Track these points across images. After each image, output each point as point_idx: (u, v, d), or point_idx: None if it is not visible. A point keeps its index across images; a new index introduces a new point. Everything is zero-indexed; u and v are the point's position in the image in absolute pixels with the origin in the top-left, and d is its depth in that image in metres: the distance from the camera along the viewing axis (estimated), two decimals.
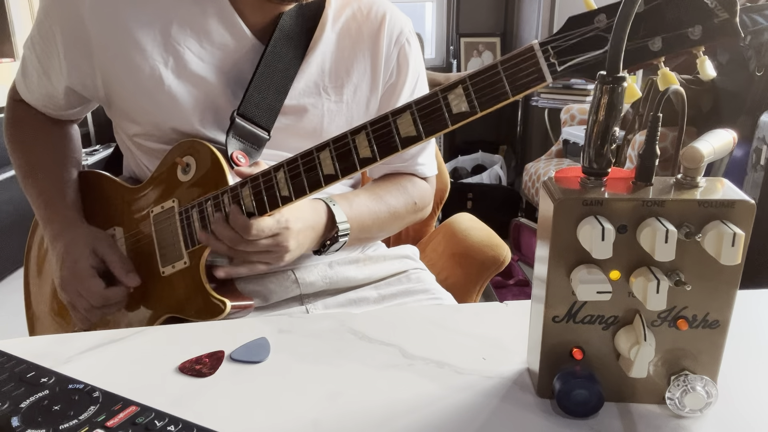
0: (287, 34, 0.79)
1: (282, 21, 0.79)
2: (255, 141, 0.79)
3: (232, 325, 0.63)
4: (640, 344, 0.43)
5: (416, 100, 0.62)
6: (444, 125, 0.62)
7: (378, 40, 0.86)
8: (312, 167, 0.67)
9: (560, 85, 3.23)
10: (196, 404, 0.49)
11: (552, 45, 0.57)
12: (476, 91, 0.60)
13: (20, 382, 0.47)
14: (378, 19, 0.86)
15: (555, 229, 0.43)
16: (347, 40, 0.84)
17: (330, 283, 0.86)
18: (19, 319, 0.99)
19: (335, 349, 0.57)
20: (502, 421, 0.46)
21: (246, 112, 0.77)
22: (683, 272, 0.43)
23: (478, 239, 1.01)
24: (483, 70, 0.60)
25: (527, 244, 2.65)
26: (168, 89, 0.76)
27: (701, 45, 0.52)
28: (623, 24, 0.40)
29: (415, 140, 0.63)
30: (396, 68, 0.88)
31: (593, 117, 0.43)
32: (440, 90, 0.61)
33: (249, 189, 0.71)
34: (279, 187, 0.69)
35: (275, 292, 0.83)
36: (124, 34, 0.75)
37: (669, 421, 0.46)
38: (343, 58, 0.84)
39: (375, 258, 0.92)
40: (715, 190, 0.43)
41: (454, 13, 3.66)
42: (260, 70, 0.77)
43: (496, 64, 0.59)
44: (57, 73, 0.81)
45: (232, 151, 0.76)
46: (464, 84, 0.60)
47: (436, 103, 0.61)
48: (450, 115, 0.61)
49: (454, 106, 0.61)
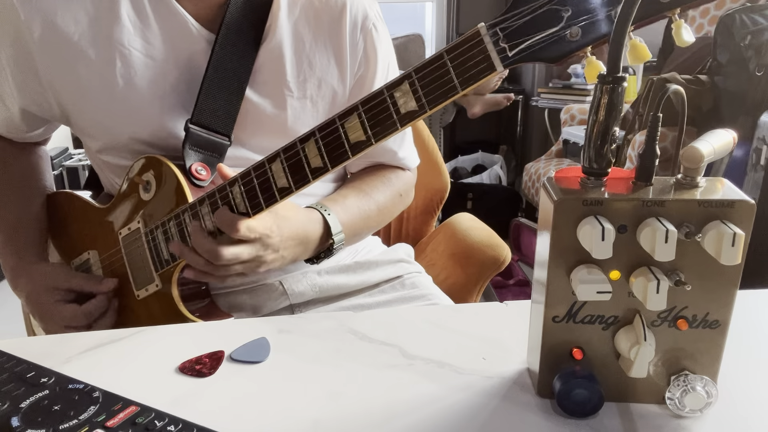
0: (236, 26, 0.73)
1: (229, 10, 0.72)
2: (214, 149, 0.74)
3: (232, 325, 0.63)
4: (640, 344, 0.43)
5: (362, 99, 0.57)
6: (393, 126, 0.57)
7: (340, 27, 0.78)
8: (265, 180, 0.64)
9: (560, 84, 3.23)
10: (196, 404, 0.49)
11: (500, 27, 0.51)
12: (423, 86, 0.54)
13: (20, 382, 0.47)
14: (338, 5, 0.78)
15: (555, 229, 0.43)
16: (306, 29, 0.77)
17: (320, 292, 0.84)
18: (19, 319, 0.98)
19: (335, 349, 0.56)
20: (502, 421, 0.46)
21: (200, 120, 0.72)
22: (683, 272, 0.43)
23: (478, 239, 1.01)
24: (428, 62, 0.54)
25: (527, 244, 2.65)
26: (120, 95, 0.72)
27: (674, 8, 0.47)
28: (623, 24, 0.40)
29: (364, 145, 0.58)
30: (364, 58, 0.80)
31: (593, 117, 0.43)
32: (386, 87, 0.56)
33: (207, 206, 0.67)
34: (236, 202, 0.66)
35: (265, 305, 0.82)
36: (65, 45, 0.71)
37: (669, 421, 0.46)
38: (302, 50, 0.77)
39: (366, 264, 0.89)
40: (715, 190, 0.43)
41: (454, 13, 3.66)
42: (210, 72, 0.72)
43: (442, 54, 0.53)
44: (9, 97, 0.78)
45: (190, 164, 0.72)
46: (410, 79, 0.55)
47: (383, 102, 0.56)
48: (398, 115, 0.56)
49: (401, 105, 0.56)
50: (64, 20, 0.71)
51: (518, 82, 3.63)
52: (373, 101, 0.57)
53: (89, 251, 0.83)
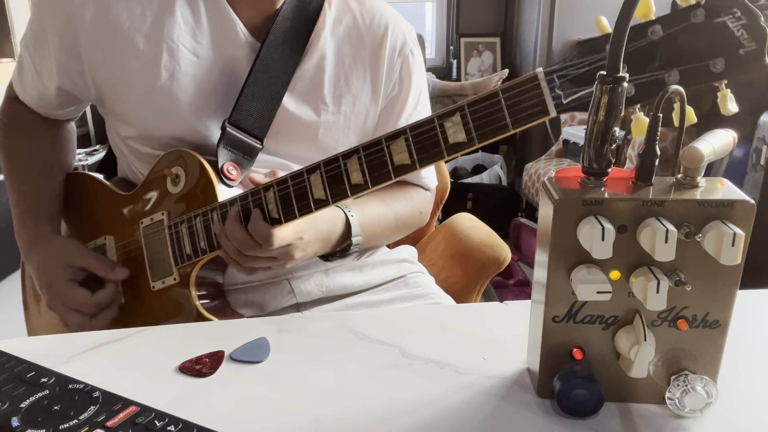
0: (283, 36, 0.76)
1: (278, 20, 0.76)
2: (247, 151, 0.75)
3: (232, 325, 0.63)
4: (640, 344, 0.43)
5: (411, 125, 0.59)
6: (440, 155, 0.58)
7: (380, 50, 0.82)
8: (302, 189, 0.65)
9: None
10: (196, 404, 0.49)
11: (558, 74, 0.52)
12: (474, 120, 0.56)
13: (20, 382, 0.47)
14: (381, 28, 0.82)
15: (555, 229, 0.43)
16: (347, 47, 0.81)
17: (326, 291, 0.85)
18: (19, 319, 0.98)
19: (335, 349, 0.57)
20: (502, 421, 0.46)
21: (238, 120, 0.74)
22: (683, 272, 0.43)
23: (478, 239, 1.01)
24: (483, 98, 0.55)
25: (527, 244, 2.65)
26: (162, 88, 0.73)
27: (723, 79, 0.48)
28: (623, 23, 0.40)
29: (408, 169, 0.59)
30: (398, 81, 0.84)
31: (593, 117, 0.43)
32: (437, 116, 0.57)
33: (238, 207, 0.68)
34: (268, 208, 0.67)
35: (271, 302, 0.82)
36: (114, 31, 0.72)
37: (669, 421, 0.46)
38: (342, 67, 0.81)
39: (372, 264, 0.90)
40: (715, 190, 0.43)
41: (454, 13, 3.66)
42: (253, 75, 0.74)
43: (497, 92, 0.55)
44: (48, 73, 0.79)
45: (222, 163, 0.73)
46: (462, 112, 0.56)
47: (432, 130, 0.57)
48: (446, 144, 0.57)
49: (450, 135, 0.57)
50: (117, 8, 0.73)
51: None
52: (422, 128, 0.58)
53: (106, 236, 0.83)
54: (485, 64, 3.64)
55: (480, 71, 3.63)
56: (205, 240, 0.72)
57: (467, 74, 3.62)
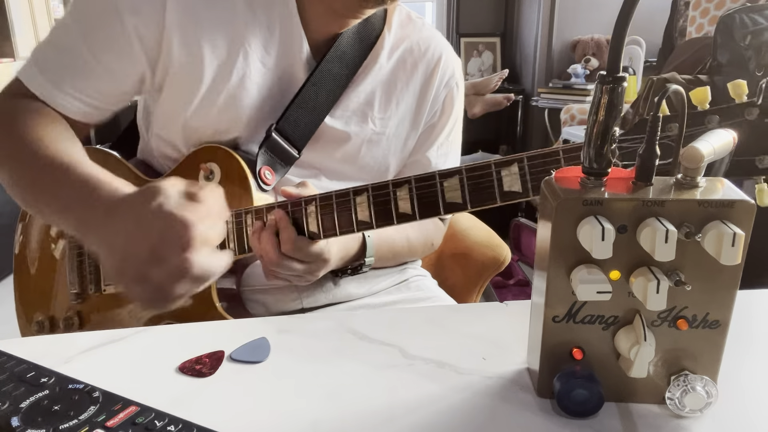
0: (342, 54, 0.78)
1: (340, 39, 0.77)
2: (284, 158, 0.77)
3: (232, 325, 0.63)
4: (640, 344, 0.43)
5: (467, 167, 0.60)
6: (491, 199, 0.59)
7: (431, 79, 0.85)
8: (346, 209, 0.65)
9: (560, 85, 3.23)
10: (196, 404, 0.49)
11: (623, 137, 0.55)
12: (531, 174, 0.57)
13: (20, 382, 0.47)
14: (435, 58, 0.85)
15: (555, 229, 0.43)
16: (401, 72, 0.83)
17: (332, 299, 0.86)
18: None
19: (335, 349, 0.57)
20: (502, 422, 0.46)
21: (284, 128, 0.75)
22: (683, 272, 0.43)
23: (478, 239, 1.01)
24: (544, 154, 0.57)
25: (527, 244, 2.65)
26: (229, 89, 0.74)
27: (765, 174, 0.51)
28: (623, 23, 0.40)
29: (459, 208, 0.60)
30: (441, 109, 0.87)
31: (593, 117, 0.43)
32: (495, 163, 0.59)
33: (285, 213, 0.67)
34: (308, 221, 0.66)
35: (276, 305, 0.83)
36: (199, 24, 0.72)
37: (669, 421, 0.46)
38: (394, 91, 0.83)
39: (378, 272, 0.91)
40: (715, 190, 0.43)
41: (454, 13, 3.66)
42: (307, 86, 0.76)
43: (558, 151, 0.57)
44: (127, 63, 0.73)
45: (260, 167, 0.74)
46: (521, 163, 0.58)
47: (488, 175, 0.59)
48: (500, 191, 0.59)
49: (506, 184, 0.58)
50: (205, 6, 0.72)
51: (518, 82, 3.63)
52: (478, 171, 0.59)
53: None
54: (485, 64, 3.64)
55: (480, 71, 3.63)
56: (235, 241, 0.71)
57: (467, 74, 3.62)
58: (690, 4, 2.47)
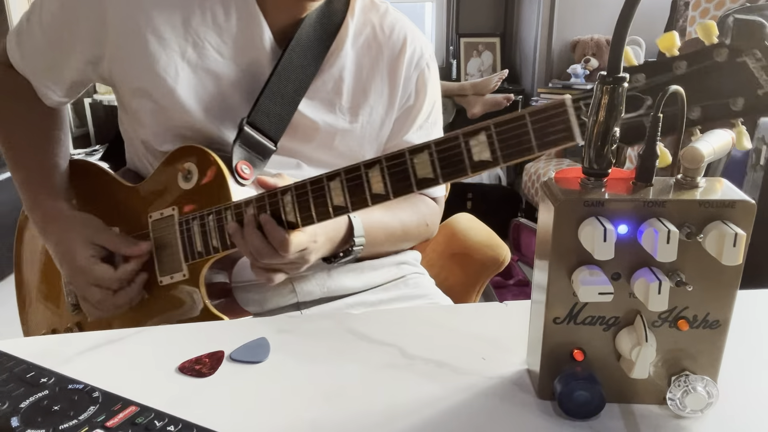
0: (306, 41, 0.77)
1: (302, 28, 0.76)
2: (261, 151, 0.76)
3: (232, 325, 0.63)
4: (642, 345, 0.43)
5: (436, 140, 0.59)
6: (463, 171, 0.59)
7: (398, 62, 0.83)
8: (321, 196, 0.65)
9: (560, 85, 3.23)
10: (196, 404, 0.49)
11: (585, 102, 0.54)
12: (500, 141, 0.56)
13: (20, 382, 0.47)
14: (400, 40, 0.84)
15: (556, 231, 0.43)
16: (366, 59, 0.82)
17: (327, 291, 0.85)
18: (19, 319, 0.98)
19: (335, 350, 0.56)
20: (502, 422, 0.46)
21: (256, 120, 0.75)
22: (684, 273, 0.43)
23: (478, 239, 1.01)
24: (509, 120, 0.56)
25: (527, 244, 2.65)
26: (183, 82, 0.73)
27: (741, 117, 0.50)
28: (624, 23, 0.40)
29: (431, 183, 0.60)
30: (414, 92, 0.86)
31: (593, 117, 0.43)
32: (462, 134, 0.58)
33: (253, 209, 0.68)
34: (285, 211, 0.67)
35: (271, 300, 0.82)
36: (143, 18, 0.72)
37: (670, 422, 0.46)
38: (360, 78, 0.82)
39: (374, 265, 0.90)
40: (715, 190, 0.43)
41: (454, 13, 3.65)
42: (275, 76, 0.75)
43: (524, 115, 0.56)
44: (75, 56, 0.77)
45: (236, 162, 0.74)
46: (488, 131, 0.57)
47: (456, 147, 0.58)
48: (470, 161, 0.58)
49: (475, 154, 0.58)
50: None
51: (518, 82, 3.63)
52: (447, 144, 0.59)
53: (111, 228, 0.82)
54: (485, 65, 3.64)
55: (480, 71, 3.63)
56: (218, 238, 0.72)
57: (467, 74, 3.62)
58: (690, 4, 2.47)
